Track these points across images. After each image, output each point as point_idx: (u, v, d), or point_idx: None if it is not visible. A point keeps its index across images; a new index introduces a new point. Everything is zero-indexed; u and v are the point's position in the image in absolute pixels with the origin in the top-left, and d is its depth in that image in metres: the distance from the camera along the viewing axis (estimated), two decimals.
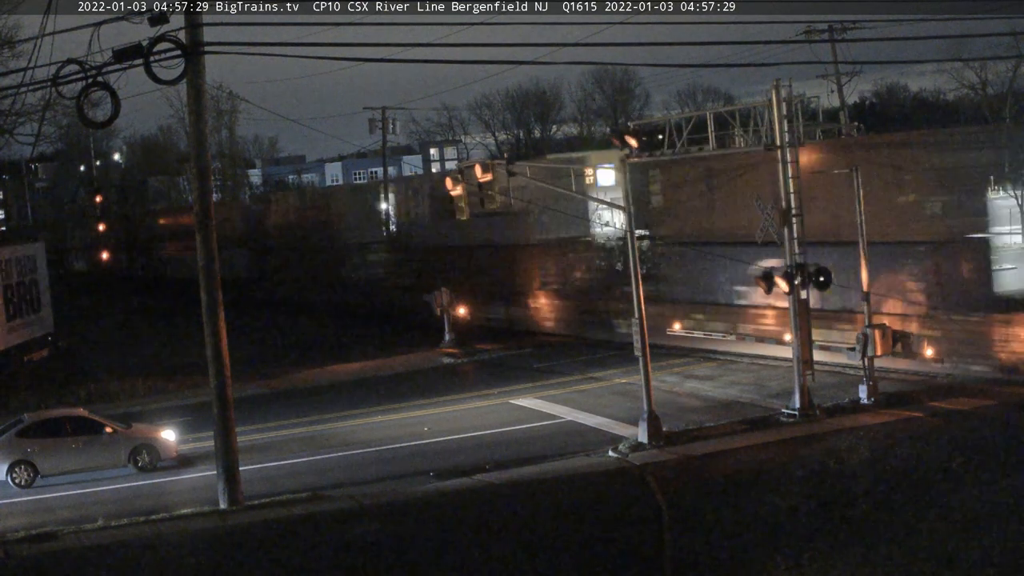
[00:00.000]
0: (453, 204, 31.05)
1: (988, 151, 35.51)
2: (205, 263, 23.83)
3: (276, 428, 32.21)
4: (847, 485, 22.65)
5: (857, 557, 18.85)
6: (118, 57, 21.21)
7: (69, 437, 27.78)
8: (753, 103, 30.06)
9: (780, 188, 28.65)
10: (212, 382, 24.07)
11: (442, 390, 36.48)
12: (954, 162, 32.00)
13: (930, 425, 26.43)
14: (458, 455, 27.49)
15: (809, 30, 60.36)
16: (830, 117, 53.35)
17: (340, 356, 44.47)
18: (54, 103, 37.10)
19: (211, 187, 24.88)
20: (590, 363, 39.12)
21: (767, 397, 31.09)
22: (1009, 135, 40.04)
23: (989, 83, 70.10)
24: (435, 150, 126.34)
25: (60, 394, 37.87)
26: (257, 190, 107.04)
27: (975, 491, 21.48)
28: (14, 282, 43.24)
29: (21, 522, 23.74)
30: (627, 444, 26.56)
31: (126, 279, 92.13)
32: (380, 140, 79.15)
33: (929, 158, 32.32)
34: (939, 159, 32.16)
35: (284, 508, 23.36)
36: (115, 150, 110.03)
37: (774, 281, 28.03)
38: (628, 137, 27.90)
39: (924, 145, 33.59)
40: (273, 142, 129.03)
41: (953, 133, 39.35)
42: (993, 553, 18.56)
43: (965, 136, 36.43)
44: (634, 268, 27.76)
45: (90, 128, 47.05)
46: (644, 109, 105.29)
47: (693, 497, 23.00)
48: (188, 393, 37.80)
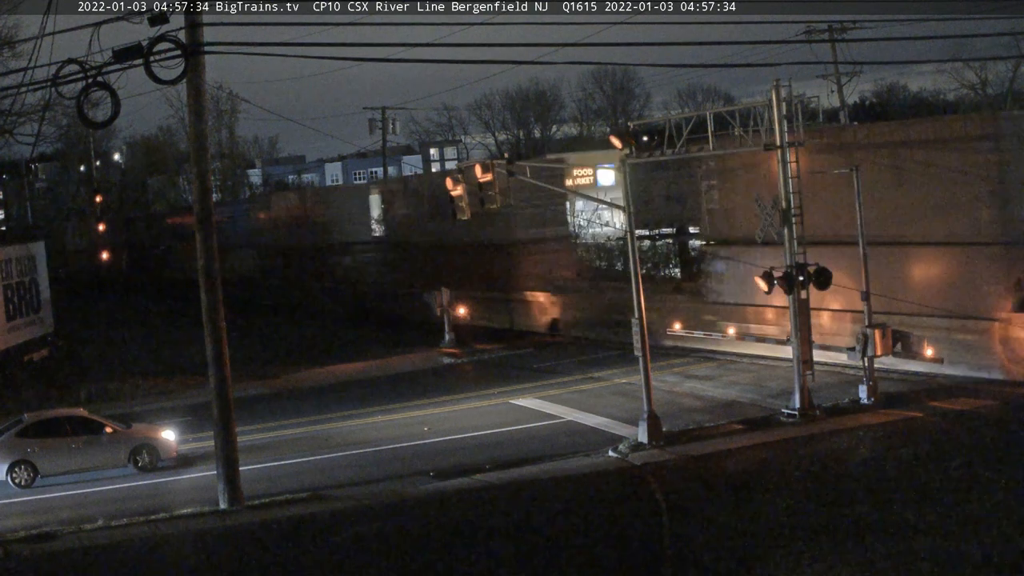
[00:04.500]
0: (453, 204, 31.02)
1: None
2: (205, 263, 23.84)
3: (276, 428, 32.22)
4: (847, 485, 22.64)
5: (857, 557, 18.83)
6: (118, 57, 21.21)
7: (69, 437, 27.79)
8: (753, 103, 30.03)
9: (779, 187, 28.67)
10: (212, 382, 24.07)
11: (442, 390, 36.49)
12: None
13: (930, 425, 26.43)
14: (458, 455, 27.50)
15: (809, 30, 60.45)
16: (830, 117, 53.41)
17: (340, 356, 44.50)
18: (54, 103, 37.15)
19: (211, 187, 24.89)
20: (590, 363, 39.12)
21: (767, 397, 31.10)
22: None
23: (989, 83, 70.25)
24: (435, 150, 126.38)
25: (60, 394, 37.90)
26: (257, 190, 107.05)
27: (975, 491, 21.47)
28: (14, 282, 43.25)
29: (21, 522, 23.74)
30: (627, 444, 26.57)
31: (126, 279, 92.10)
32: (380, 140, 79.29)
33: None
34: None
35: (284, 508, 23.37)
36: (115, 150, 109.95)
37: (773, 281, 28.07)
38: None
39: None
40: (273, 142, 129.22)
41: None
42: (993, 553, 18.54)
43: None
44: (634, 268, 27.76)
45: (90, 128, 47.11)
46: (644, 109, 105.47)
47: (693, 497, 23.00)
48: (188, 393, 37.83)
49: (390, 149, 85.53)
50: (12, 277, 43.10)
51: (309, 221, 65.76)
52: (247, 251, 73.72)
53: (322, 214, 65.26)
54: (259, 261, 73.33)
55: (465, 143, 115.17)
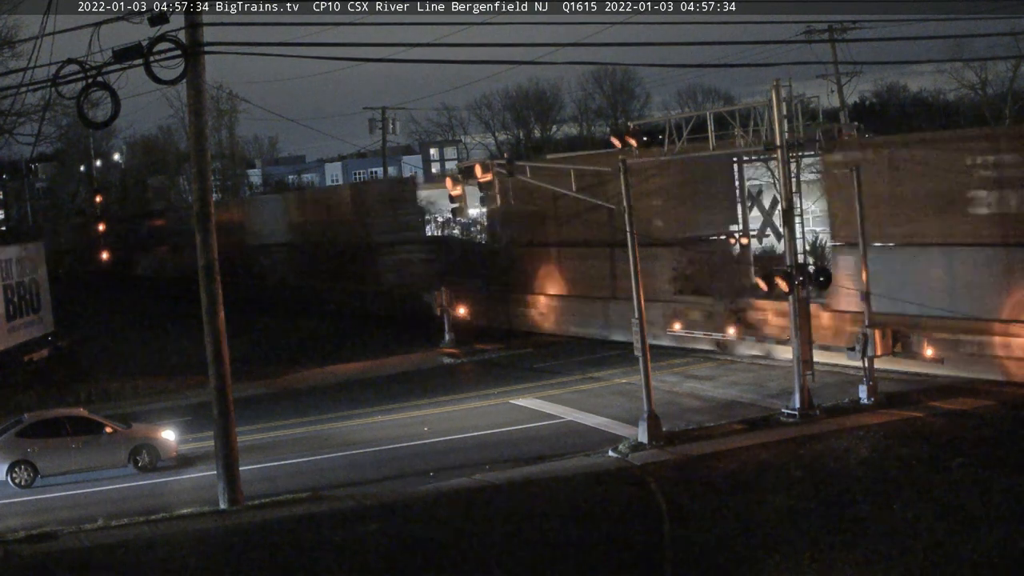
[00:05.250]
0: (453, 204, 31.02)
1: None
2: (205, 263, 23.84)
3: (276, 428, 32.22)
4: (847, 485, 22.63)
5: (857, 557, 18.82)
6: (118, 57, 21.22)
7: (69, 437, 27.81)
8: (753, 103, 30.07)
9: (780, 187, 28.69)
10: (212, 382, 24.08)
11: (442, 390, 36.49)
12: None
13: (930, 425, 26.43)
14: (458, 455, 27.51)
15: (809, 30, 60.49)
16: (830, 117, 53.37)
17: (340, 356, 44.49)
18: (54, 103, 37.12)
19: (211, 187, 24.89)
20: (590, 363, 39.12)
21: (767, 397, 31.11)
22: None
23: (989, 83, 70.21)
24: (435, 150, 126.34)
25: (60, 394, 37.89)
26: (257, 190, 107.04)
27: (975, 491, 21.46)
28: (14, 282, 43.22)
29: (21, 522, 23.76)
30: (627, 444, 26.57)
31: (126, 279, 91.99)
32: (380, 140, 79.37)
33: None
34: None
35: (284, 508, 23.37)
36: (115, 150, 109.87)
37: (774, 280, 28.08)
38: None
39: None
40: (273, 142, 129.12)
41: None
42: (993, 553, 18.53)
43: None
44: (634, 268, 27.76)
45: (90, 128, 47.20)
46: (644, 109, 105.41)
47: (693, 497, 22.99)
48: (188, 393, 37.82)
49: (390, 149, 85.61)
50: (12, 277, 43.08)
51: (240, 227, 72.75)
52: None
53: (241, 220, 73.97)
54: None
55: (465, 143, 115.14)
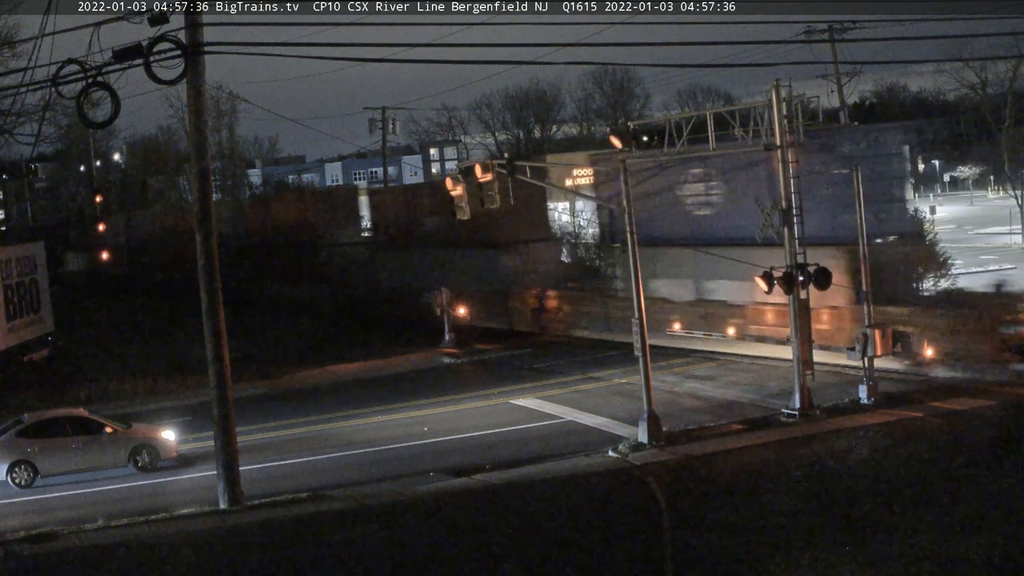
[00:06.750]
0: (454, 204, 30.93)
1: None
2: (205, 263, 23.83)
3: (276, 428, 32.20)
4: (847, 485, 22.64)
5: (857, 557, 18.82)
6: (118, 57, 21.21)
7: (69, 437, 27.80)
8: (753, 103, 30.03)
9: (780, 187, 28.67)
10: (212, 382, 24.07)
11: (442, 390, 36.47)
12: None
13: (930, 425, 26.43)
14: (458, 455, 27.49)
15: (809, 30, 60.49)
16: (830, 117, 53.36)
17: (340, 356, 44.46)
18: (54, 103, 37.18)
19: (211, 187, 24.87)
20: (590, 363, 39.10)
21: (767, 397, 31.09)
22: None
23: (989, 83, 70.24)
24: (435, 150, 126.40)
25: (60, 394, 37.86)
26: (257, 190, 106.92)
27: (975, 491, 21.47)
28: (14, 282, 43.23)
29: (21, 522, 23.74)
30: (627, 444, 26.56)
31: (126, 279, 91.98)
32: (380, 140, 79.32)
33: None
34: None
35: (284, 508, 23.36)
36: (115, 150, 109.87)
37: (774, 280, 28.05)
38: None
39: None
40: (273, 142, 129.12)
41: None
42: (993, 553, 18.54)
43: None
44: (634, 268, 27.75)
45: (90, 128, 47.18)
46: (644, 109, 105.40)
47: (693, 497, 23.00)
48: (188, 393, 37.77)
49: (390, 149, 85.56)
50: (12, 277, 43.09)
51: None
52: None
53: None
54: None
55: (465, 143, 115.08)
